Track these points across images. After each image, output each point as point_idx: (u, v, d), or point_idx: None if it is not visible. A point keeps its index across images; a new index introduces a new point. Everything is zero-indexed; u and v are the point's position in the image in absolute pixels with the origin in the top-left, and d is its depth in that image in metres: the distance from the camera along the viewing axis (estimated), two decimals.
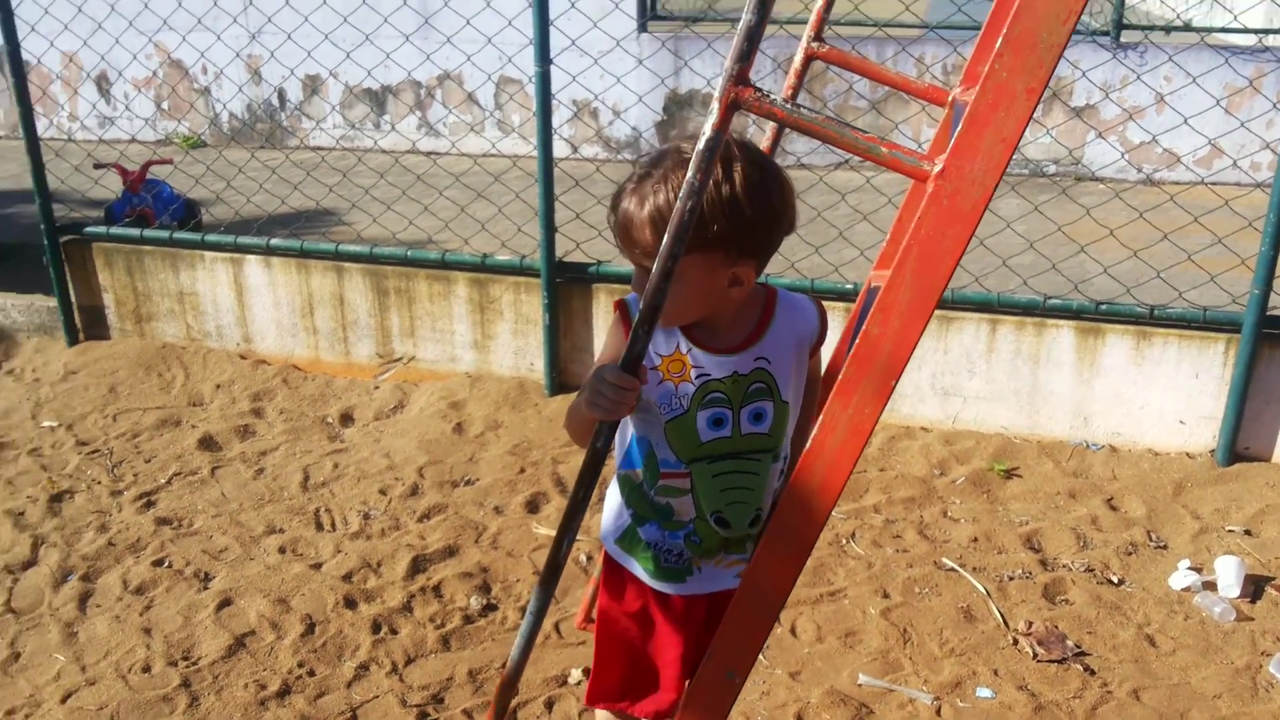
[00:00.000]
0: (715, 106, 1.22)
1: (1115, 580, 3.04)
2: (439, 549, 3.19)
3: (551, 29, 3.89)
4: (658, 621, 1.82)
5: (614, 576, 1.86)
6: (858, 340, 1.23)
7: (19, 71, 4.50)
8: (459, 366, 4.40)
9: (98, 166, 5.47)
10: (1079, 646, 2.73)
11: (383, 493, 3.54)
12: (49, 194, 4.67)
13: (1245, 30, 6.41)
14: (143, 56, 8.47)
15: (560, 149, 7.54)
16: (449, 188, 5.14)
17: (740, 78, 1.20)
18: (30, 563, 3.20)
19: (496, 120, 8.30)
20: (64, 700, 2.62)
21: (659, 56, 7.44)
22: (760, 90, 1.22)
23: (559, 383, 4.19)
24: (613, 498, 1.83)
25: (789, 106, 1.22)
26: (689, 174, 1.27)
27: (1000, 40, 1.10)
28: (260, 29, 6.88)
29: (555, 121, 7.87)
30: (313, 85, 8.67)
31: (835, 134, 1.21)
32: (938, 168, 1.14)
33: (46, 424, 4.08)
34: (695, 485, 1.69)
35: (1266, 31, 7.59)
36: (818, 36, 2.15)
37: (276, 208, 5.55)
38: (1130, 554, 3.17)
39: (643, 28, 7.82)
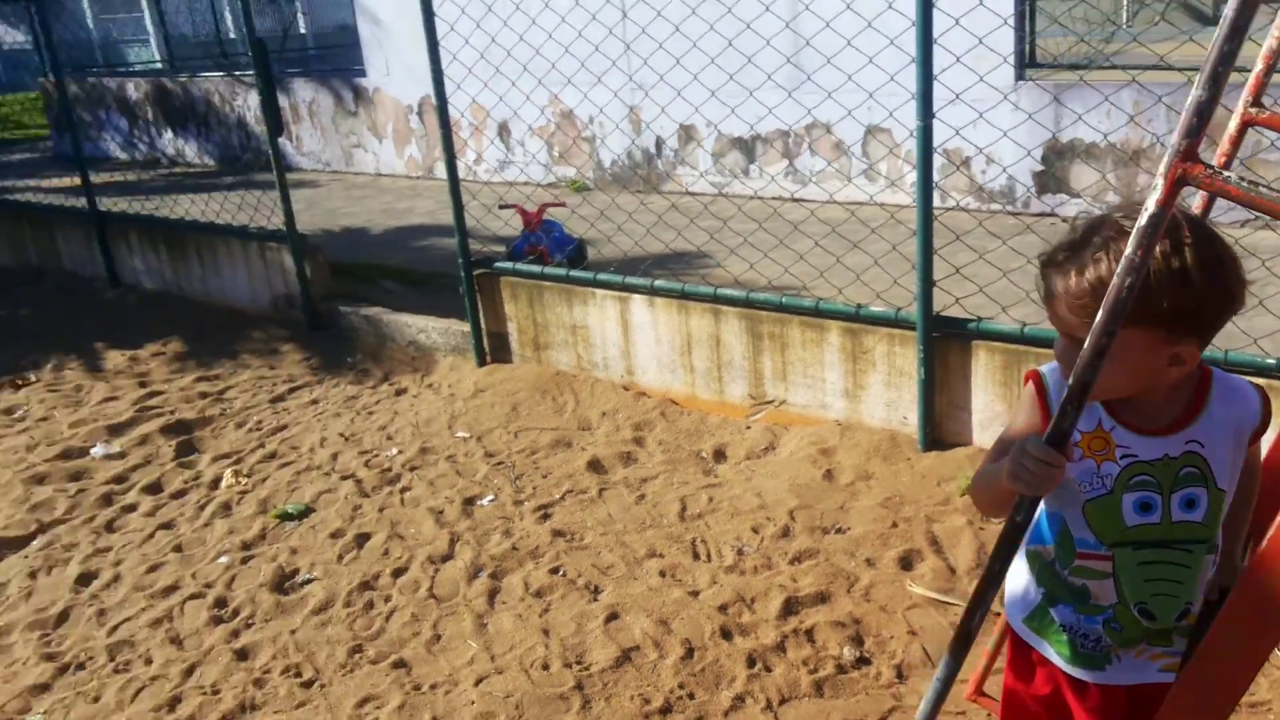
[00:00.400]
0: (1159, 183, 1.23)
1: None
2: (810, 594, 3.29)
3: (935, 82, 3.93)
4: (1073, 709, 1.77)
5: (1021, 656, 1.83)
6: None
7: (445, 122, 5.13)
8: (829, 414, 4.51)
9: (502, 206, 6.10)
10: None
11: (755, 531, 3.70)
12: (466, 230, 5.28)
13: None
14: (536, 104, 9.34)
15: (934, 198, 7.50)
16: (825, 237, 5.28)
17: (1189, 154, 1.21)
18: (448, 556, 3.64)
19: (863, 169, 8.39)
20: (476, 684, 2.97)
21: (1038, 104, 7.23)
22: (1210, 166, 1.22)
23: (932, 438, 4.18)
24: (1019, 573, 1.79)
25: (1245, 184, 1.21)
26: (1129, 250, 1.26)
27: None
28: (636, 71, 7.40)
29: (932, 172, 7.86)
30: (687, 133, 9.17)
31: None
32: None
33: (460, 434, 4.61)
34: (1118, 571, 1.63)
35: None
36: (1256, 101, 2.04)
37: (657, 249, 5.94)
38: None
39: (1021, 75, 7.63)
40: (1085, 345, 1.37)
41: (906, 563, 3.45)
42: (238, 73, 12.55)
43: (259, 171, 10.84)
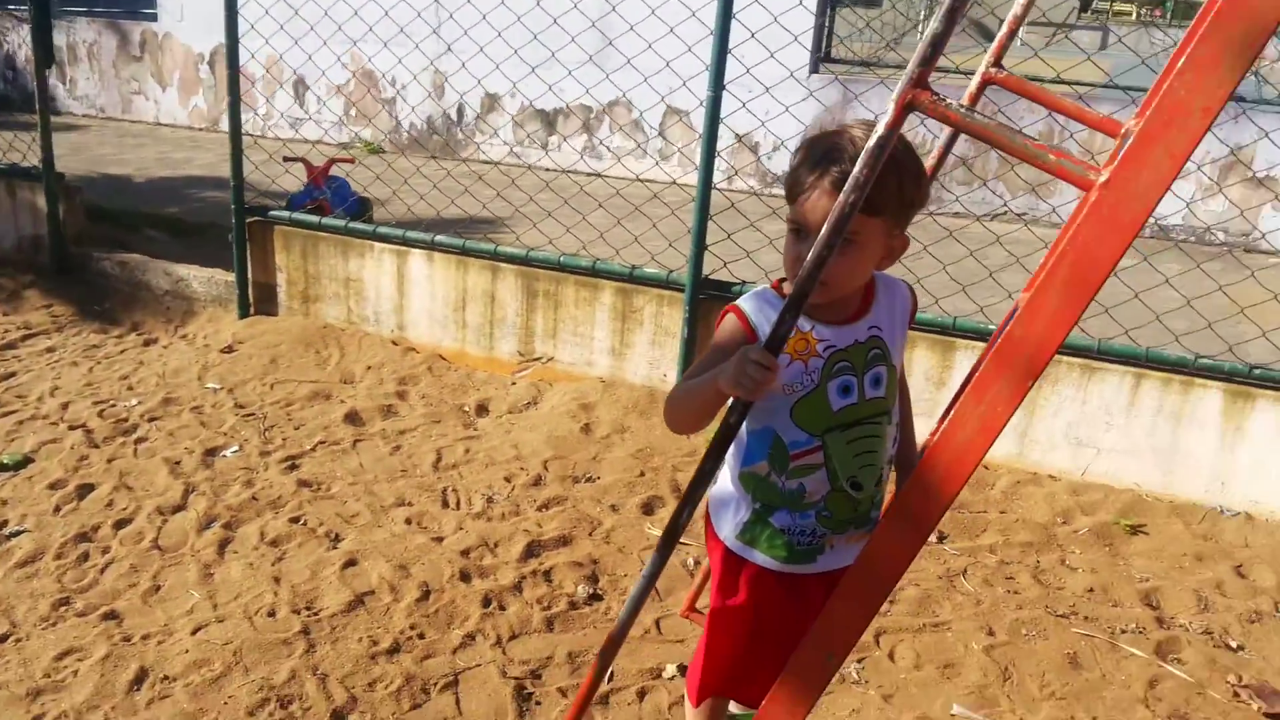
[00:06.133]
0: (891, 107, 1.27)
1: (1234, 646, 2.91)
2: (554, 537, 3.30)
3: (729, 58, 4.00)
4: (784, 609, 1.86)
5: (730, 575, 1.90)
6: (1000, 340, 1.26)
7: (234, 63, 4.88)
8: (594, 371, 4.53)
9: (287, 160, 5.86)
10: None
11: (507, 480, 3.68)
12: (243, 179, 5.04)
13: None
14: (339, 63, 9.03)
15: (719, 178, 7.67)
16: (609, 199, 5.30)
17: (919, 81, 1.25)
18: (179, 507, 3.46)
19: (658, 147, 8.49)
20: (194, 633, 2.82)
21: (829, 93, 7.49)
22: (937, 94, 1.27)
23: None
24: (725, 500, 1.89)
25: (964, 110, 1.26)
26: (857, 169, 1.31)
27: (1183, 59, 1.12)
28: (454, 42, 7.26)
29: (719, 148, 8.02)
30: (491, 102, 9.06)
31: (1005, 139, 1.24)
32: (1103, 178, 1.16)
33: (210, 385, 4.40)
34: (829, 455, 1.76)
35: None
36: (997, 63, 2.16)
37: (444, 209, 5.83)
38: (1254, 622, 3.02)
39: (814, 68, 7.89)
40: (808, 259, 1.40)
41: (649, 508, 3.50)
42: (11, 6, 11.59)
43: (23, 112, 10.04)
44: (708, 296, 4.24)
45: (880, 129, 1.29)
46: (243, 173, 5.02)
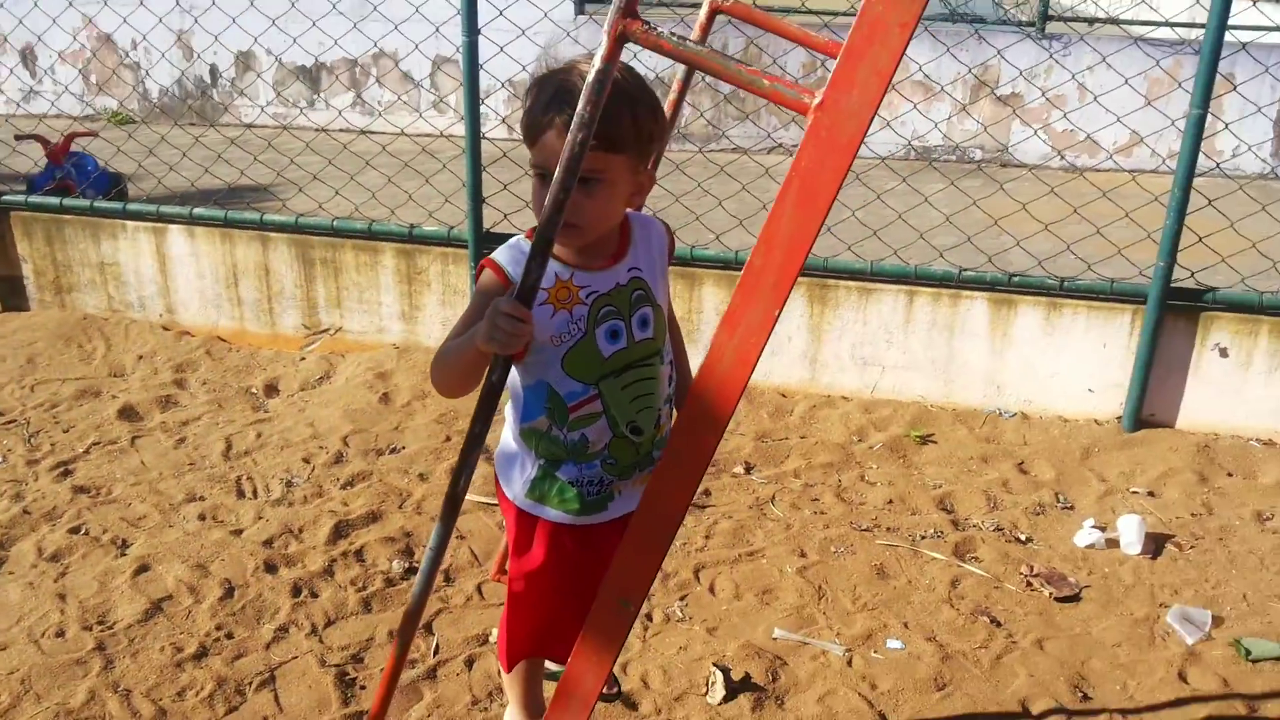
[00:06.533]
0: (604, 39, 1.25)
1: (1023, 539, 3.15)
2: (362, 515, 3.20)
3: (482, 3, 3.89)
4: (580, 562, 1.84)
5: (524, 534, 1.87)
6: (743, 272, 1.27)
7: None
8: (387, 337, 4.39)
9: (18, 137, 5.35)
10: (1079, 583, 2.89)
11: (306, 461, 3.53)
12: None
13: (1163, 24, 6.60)
14: (68, 27, 8.29)
15: (499, 132, 7.53)
16: (376, 156, 5.11)
17: (628, 10, 1.23)
18: None
19: (432, 100, 8.25)
20: None
21: (592, 31, 7.44)
22: (648, 23, 1.25)
23: None
24: (510, 459, 1.85)
25: (675, 39, 1.26)
26: (580, 106, 1.30)
27: None
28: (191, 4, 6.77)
29: (491, 100, 7.86)
30: (245, 61, 8.54)
31: (720, 65, 1.24)
32: (817, 100, 1.18)
33: None
34: (606, 403, 1.74)
35: (1181, 25, 7.81)
36: None
37: (203, 180, 5.47)
38: (1038, 514, 3.27)
39: (579, 9, 7.82)
40: (546, 202, 1.39)
41: None
42: None
43: None
44: (492, 250, 4.16)
45: (597, 63, 1.28)
46: None
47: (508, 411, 1.84)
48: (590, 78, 1.29)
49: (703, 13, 2.21)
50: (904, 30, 1.13)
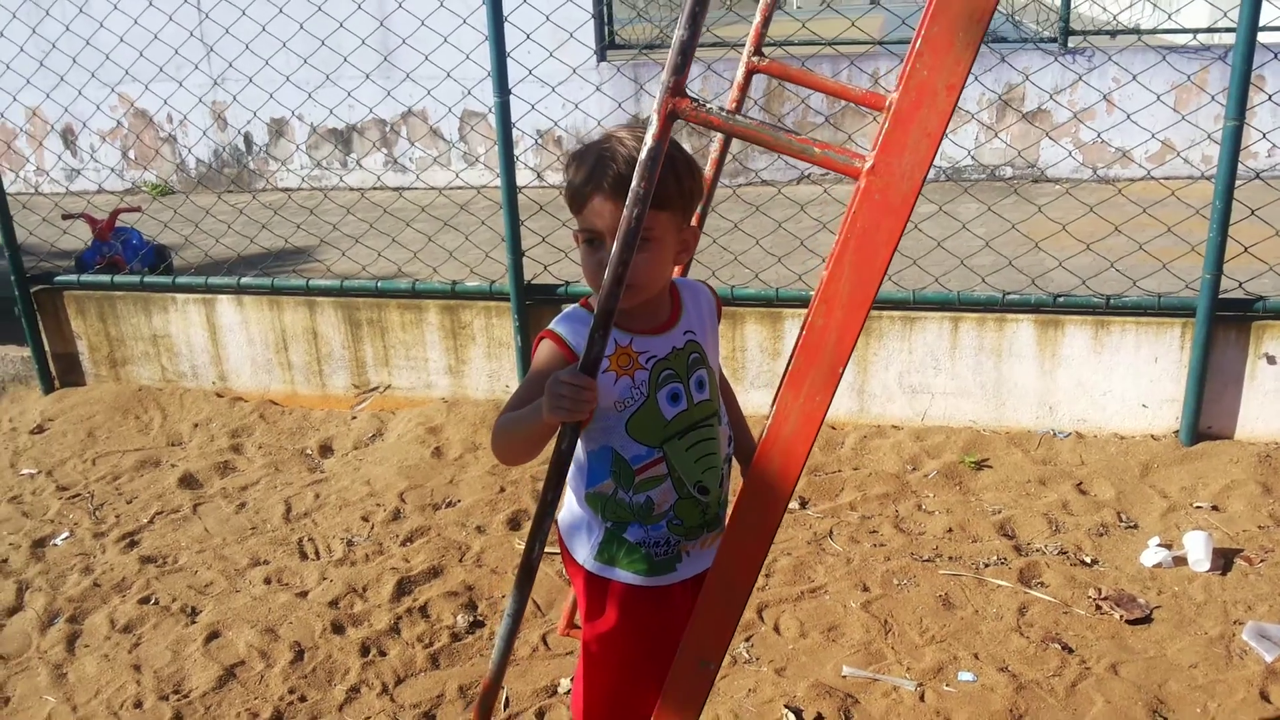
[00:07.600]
0: (654, 118, 1.28)
1: (1088, 561, 3.11)
2: (423, 570, 3.22)
3: (510, 61, 3.97)
4: (653, 624, 1.85)
5: (596, 599, 1.88)
6: (804, 332, 1.29)
7: None
8: (434, 392, 4.44)
9: (66, 217, 5.49)
10: (1149, 604, 2.86)
11: (365, 519, 3.57)
12: (18, 246, 4.69)
13: (1183, 30, 6.58)
14: (106, 108, 8.51)
15: (525, 177, 7.63)
16: (415, 219, 5.19)
17: (676, 90, 1.26)
18: (15, 609, 3.21)
19: (461, 153, 8.38)
20: None
21: (617, 82, 7.55)
22: (697, 100, 1.29)
23: None
24: (577, 524, 1.87)
25: (725, 114, 1.29)
26: (634, 183, 1.33)
27: (919, 41, 1.16)
28: (222, 74, 6.94)
29: (519, 150, 7.98)
30: (278, 128, 8.72)
31: (770, 137, 1.27)
32: (869, 164, 1.20)
33: (25, 471, 4.09)
34: (671, 464, 1.77)
35: (1202, 31, 7.78)
36: (758, 51, 2.21)
37: (246, 248, 5.59)
38: (1102, 535, 3.24)
39: (601, 57, 7.94)
40: (607, 275, 1.41)
41: (515, 523, 3.46)
42: None
43: None
44: (535, 302, 4.22)
45: (649, 141, 1.31)
46: (15, 239, 4.67)
47: (570, 477, 1.86)
48: (643, 155, 1.32)
49: (739, 74, 2.24)
50: (951, 92, 1.15)
